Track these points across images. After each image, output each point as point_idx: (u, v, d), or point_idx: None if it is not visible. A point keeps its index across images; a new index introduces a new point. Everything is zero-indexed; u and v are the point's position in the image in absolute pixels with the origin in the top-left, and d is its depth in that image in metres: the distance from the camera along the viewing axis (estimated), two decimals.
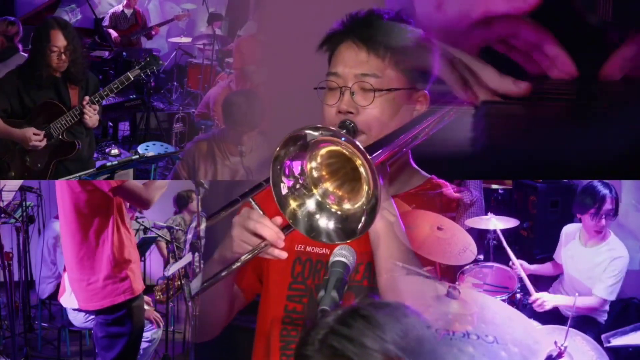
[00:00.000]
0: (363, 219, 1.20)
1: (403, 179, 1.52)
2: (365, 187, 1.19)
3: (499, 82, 1.61)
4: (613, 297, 3.58)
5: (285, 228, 1.31)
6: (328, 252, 1.47)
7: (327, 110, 1.42)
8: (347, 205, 1.26)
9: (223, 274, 1.33)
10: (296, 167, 1.25)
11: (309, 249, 1.51)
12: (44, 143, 3.12)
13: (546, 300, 3.60)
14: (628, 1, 1.69)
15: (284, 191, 1.25)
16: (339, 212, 1.26)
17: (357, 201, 1.23)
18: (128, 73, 3.20)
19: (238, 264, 1.32)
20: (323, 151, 1.25)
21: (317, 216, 1.27)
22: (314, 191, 1.27)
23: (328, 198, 1.27)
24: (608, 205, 3.51)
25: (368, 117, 1.39)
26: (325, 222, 1.26)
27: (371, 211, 1.18)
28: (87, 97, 3.11)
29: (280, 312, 1.50)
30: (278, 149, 1.21)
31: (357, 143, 1.16)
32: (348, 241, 1.23)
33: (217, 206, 1.54)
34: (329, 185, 1.28)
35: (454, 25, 1.64)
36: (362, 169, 1.18)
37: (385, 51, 1.40)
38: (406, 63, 1.42)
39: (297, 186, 1.26)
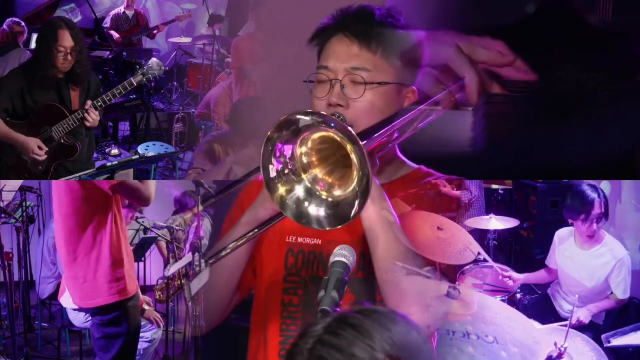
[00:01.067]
0: (357, 202, 1.20)
1: (391, 169, 1.52)
2: (355, 173, 1.20)
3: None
4: (627, 296, 3.65)
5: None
6: (320, 242, 1.48)
7: (317, 103, 1.43)
8: (337, 192, 1.26)
9: (256, 231, 1.35)
10: (287, 150, 1.25)
11: (300, 240, 1.51)
12: (43, 158, 3.12)
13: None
14: (628, 1, 1.69)
15: (272, 174, 1.25)
16: (329, 199, 1.26)
17: (348, 187, 1.23)
18: (131, 79, 3.21)
19: (275, 220, 1.33)
20: (314, 136, 1.25)
21: (306, 203, 1.27)
22: (303, 177, 1.28)
23: (317, 184, 1.28)
24: (597, 210, 3.53)
25: (357, 110, 1.40)
26: (315, 209, 1.26)
27: (362, 195, 1.18)
28: (89, 101, 3.11)
29: (277, 305, 1.50)
30: (271, 131, 1.22)
31: (349, 127, 1.17)
32: (339, 227, 1.23)
33: (227, 205, 1.55)
34: (318, 172, 1.29)
35: None
36: (352, 155, 1.18)
37: (377, 46, 1.41)
38: (397, 58, 1.43)
39: (286, 171, 1.27)
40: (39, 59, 3.11)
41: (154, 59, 3.28)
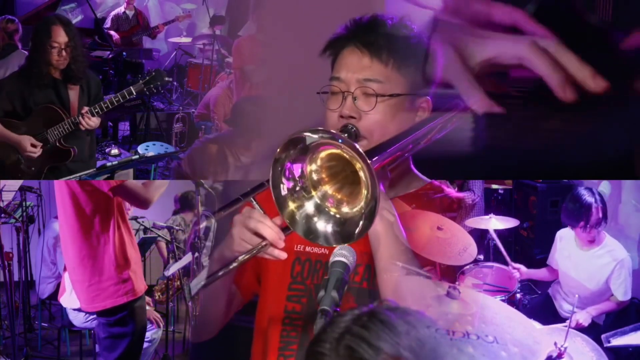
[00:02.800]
0: (361, 222, 1.20)
1: (403, 183, 1.52)
2: (364, 191, 1.19)
3: (578, 69, 1.45)
4: (628, 297, 3.64)
5: (285, 228, 1.31)
6: (327, 252, 1.48)
7: (330, 114, 1.42)
8: (345, 209, 1.26)
9: (221, 273, 1.33)
10: (296, 169, 1.25)
11: (308, 249, 1.51)
12: (38, 153, 3.10)
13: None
14: (628, 1, 1.69)
15: (284, 192, 1.25)
16: (337, 215, 1.26)
17: (356, 205, 1.23)
18: (131, 87, 3.15)
19: (236, 263, 1.32)
20: (323, 154, 1.25)
21: (316, 219, 1.27)
22: (313, 194, 1.28)
23: (327, 201, 1.28)
24: (595, 216, 3.50)
25: (370, 122, 1.39)
26: (324, 225, 1.26)
27: (369, 215, 1.18)
28: (86, 108, 3.07)
29: (279, 312, 1.50)
30: (279, 151, 1.22)
31: (356, 146, 1.16)
32: (345, 244, 1.23)
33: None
34: (328, 188, 1.28)
35: None
36: (361, 173, 1.18)
37: (388, 57, 1.40)
38: (409, 69, 1.42)
39: (297, 188, 1.27)
40: (34, 56, 3.10)
41: (158, 69, 3.25)
